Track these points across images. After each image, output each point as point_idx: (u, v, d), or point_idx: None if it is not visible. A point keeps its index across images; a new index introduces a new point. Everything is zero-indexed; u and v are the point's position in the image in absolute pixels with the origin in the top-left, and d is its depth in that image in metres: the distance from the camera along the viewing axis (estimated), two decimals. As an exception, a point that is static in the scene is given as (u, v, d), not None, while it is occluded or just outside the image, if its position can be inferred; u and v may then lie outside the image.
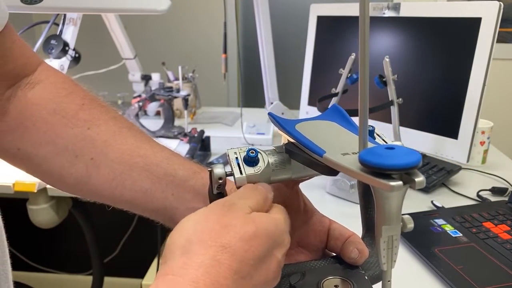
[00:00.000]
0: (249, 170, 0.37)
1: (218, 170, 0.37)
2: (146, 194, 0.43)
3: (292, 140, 0.37)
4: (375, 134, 0.38)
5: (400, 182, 0.26)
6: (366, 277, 0.37)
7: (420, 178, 0.26)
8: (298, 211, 0.42)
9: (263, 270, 0.30)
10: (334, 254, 0.41)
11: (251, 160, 0.37)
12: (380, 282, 0.34)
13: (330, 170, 0.32)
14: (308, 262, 0.39)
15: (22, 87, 0.45)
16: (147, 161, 0.44)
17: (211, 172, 0.37)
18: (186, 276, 0.27)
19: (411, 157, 0.26)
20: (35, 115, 0.44)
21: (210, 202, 0.34)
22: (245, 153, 0.37)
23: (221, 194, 0.38)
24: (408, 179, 0.27)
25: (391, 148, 0.27)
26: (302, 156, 0.35)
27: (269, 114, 0.40)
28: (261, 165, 0.37)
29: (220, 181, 0.37)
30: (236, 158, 0.38)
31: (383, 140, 0.38)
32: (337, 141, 0.35)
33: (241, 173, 0.37)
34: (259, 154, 0.38)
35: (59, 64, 1.24)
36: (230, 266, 0.28)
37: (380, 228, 0.29)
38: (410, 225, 0.30)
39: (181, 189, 0.43)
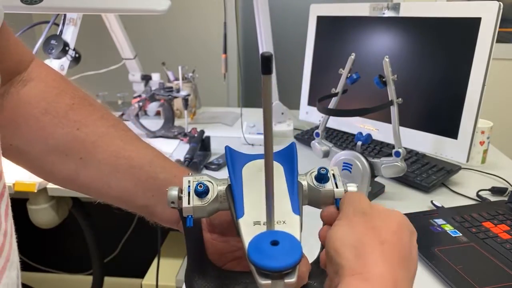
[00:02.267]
0: (196, 202, 0.39)
1: (172, 192, 0.39)
2: (130, 193, 0.47)
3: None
4: (329, 175, 0.40)
5: (269, 282, 0.29)
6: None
7: (290, 280, 0.29)
8: None
9: (413, 255, 0.35)
10: None
11: (199, 193, 0.39)
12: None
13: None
14: None
15: (15, 85, 0.46)
16: (131, 163, 0.47)
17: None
18: (370, 273, 0.31)
19: (287, 260, 0.29)
20: (27, 113, 0.45)
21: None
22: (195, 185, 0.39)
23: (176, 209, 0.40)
24: (283, 277, 0.29)
25: (276, 242, 0.30)
26: (229, 206, 0.38)
27: (226, 148, 0.42)
28: (209, 197, 0.39)
29: (172, 205, 0.39)
30: (189, 186, 0.40)
31: (335, 184, 0.40)
32: (262, 201, 0.34)
33: (188, 203, 0.39)
34: (210, 185, 0.40)
35: (59, 64, 1.24)
36: (396, 254, 0.33)
37: None
38: None
39: (161, 191, 0.45)
